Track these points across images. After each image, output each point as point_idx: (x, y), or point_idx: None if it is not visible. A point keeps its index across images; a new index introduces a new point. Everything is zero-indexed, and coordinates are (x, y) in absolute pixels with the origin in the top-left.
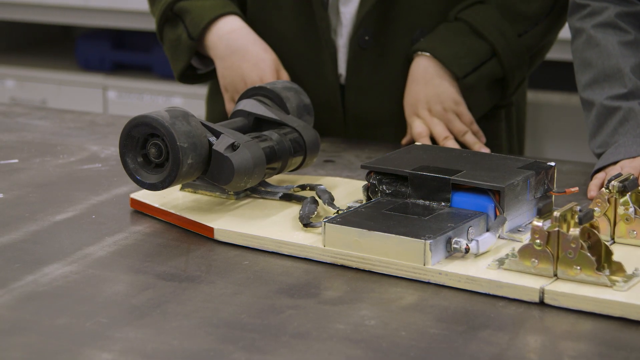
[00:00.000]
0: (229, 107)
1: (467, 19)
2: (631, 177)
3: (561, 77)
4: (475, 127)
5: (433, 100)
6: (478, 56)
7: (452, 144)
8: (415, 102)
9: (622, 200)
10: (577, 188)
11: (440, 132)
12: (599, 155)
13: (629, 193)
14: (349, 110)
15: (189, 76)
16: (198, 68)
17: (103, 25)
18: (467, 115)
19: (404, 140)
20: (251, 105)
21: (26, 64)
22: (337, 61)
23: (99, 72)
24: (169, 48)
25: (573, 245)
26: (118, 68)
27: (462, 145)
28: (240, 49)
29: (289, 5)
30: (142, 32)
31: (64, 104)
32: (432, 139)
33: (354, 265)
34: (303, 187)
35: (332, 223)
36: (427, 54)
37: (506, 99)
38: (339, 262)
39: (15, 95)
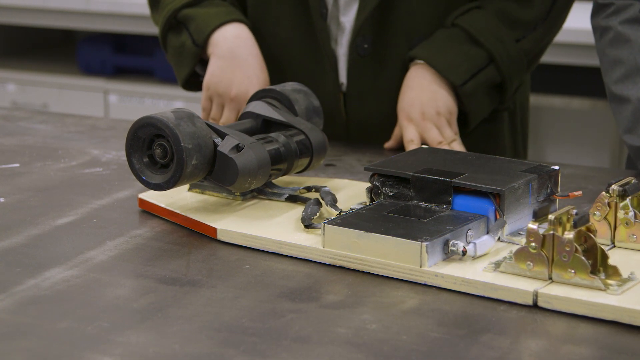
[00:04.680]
0: (204, 104)
1: (464, 25)
2: (632, 181)
3: (562, 80)
4: (459, 140)
5: (429, 104)
6: (475, 63)
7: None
8: (409, 106)
9: (622, 204)
10: (580, 192)
11: (434, 137)
12: (637, 149)
13: (629, 197)
14: (351, 117)
15: (192, 83)
16: (201, 75)
17: (104, 29)
18: (456, 127)
19: (387, 145)
20: (259, 107)
21: (27, 68)
22: (337, 70)
23: (100, 76)
24: (172, 55)
25: (567, 249)
26: (119, 72)
27: None
28: (240, 57)
29: (288, 16)
30: (143, 36)
31: (65, 108)
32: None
33: (353, 266)
34: (309, 189)
35: (332, 224)
36: (424, 62)
37: (504, 103)
38: (338, 263)
39: (16, 99)
